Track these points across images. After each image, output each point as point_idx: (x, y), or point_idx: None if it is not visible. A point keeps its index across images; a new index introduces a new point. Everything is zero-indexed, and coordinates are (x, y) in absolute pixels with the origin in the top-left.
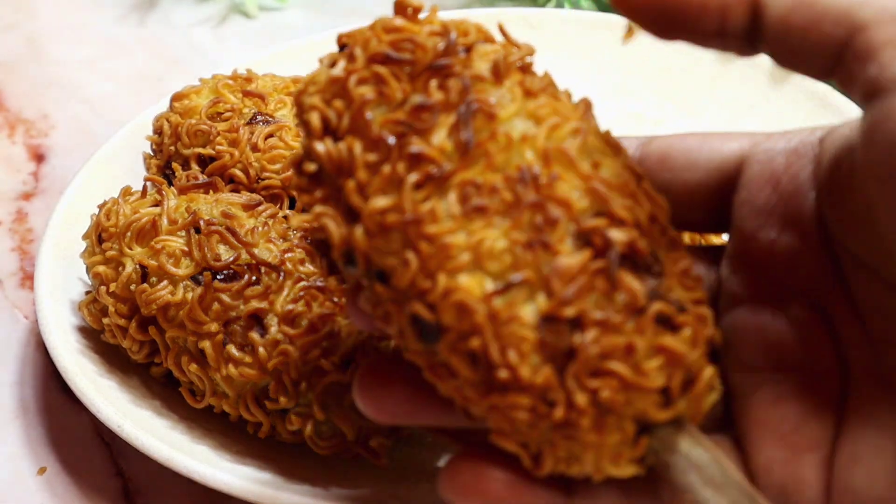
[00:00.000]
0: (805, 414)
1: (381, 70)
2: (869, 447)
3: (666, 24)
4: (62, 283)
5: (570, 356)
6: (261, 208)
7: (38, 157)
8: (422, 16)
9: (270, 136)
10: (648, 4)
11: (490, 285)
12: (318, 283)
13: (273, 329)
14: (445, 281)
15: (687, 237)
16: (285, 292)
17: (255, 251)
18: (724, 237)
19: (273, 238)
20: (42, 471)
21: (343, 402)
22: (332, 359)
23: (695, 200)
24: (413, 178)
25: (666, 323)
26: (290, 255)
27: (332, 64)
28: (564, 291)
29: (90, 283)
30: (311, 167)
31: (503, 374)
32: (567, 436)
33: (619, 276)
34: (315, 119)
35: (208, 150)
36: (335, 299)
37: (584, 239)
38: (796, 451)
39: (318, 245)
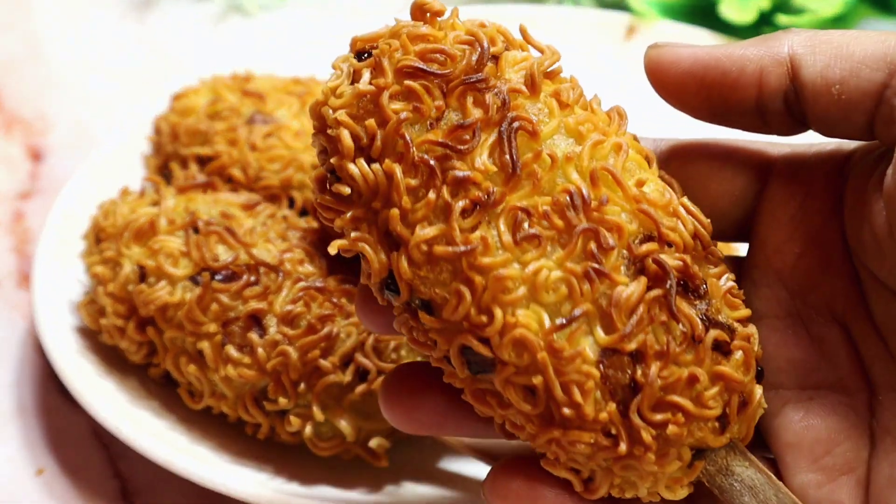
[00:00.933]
0: (836, 434)
1: (414, 85)
2: None
3: (706, 104)
4: (60, 283)
5: (632, 390)
6: (259, 208)
7: (36, 157)
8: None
9: (269, 135)
10: (685, 86)
11: (548, 319)
12: (318, 284)
13: (272, 329)
14: (503, 316)
15: None
16: (284, 293)
17: (254, 251)
18: (734, 246)
19: (272, 238)
20: (40, 472)
21: (342, 403)
22: (332, 359)
23: (718, 209)
24: (460, 205)
25: (720, 348)
26: (289, 255)
27: (355, 75)
28: (625, 324)
29: (88, 283)
30: (344, 190)
31: (568, 412)
32: (627, 466)
33: (677, 305)
34: (347, 138)
35: (207, 150)
36: (334, 300)
37: (638, 265)
38: (831, 474)
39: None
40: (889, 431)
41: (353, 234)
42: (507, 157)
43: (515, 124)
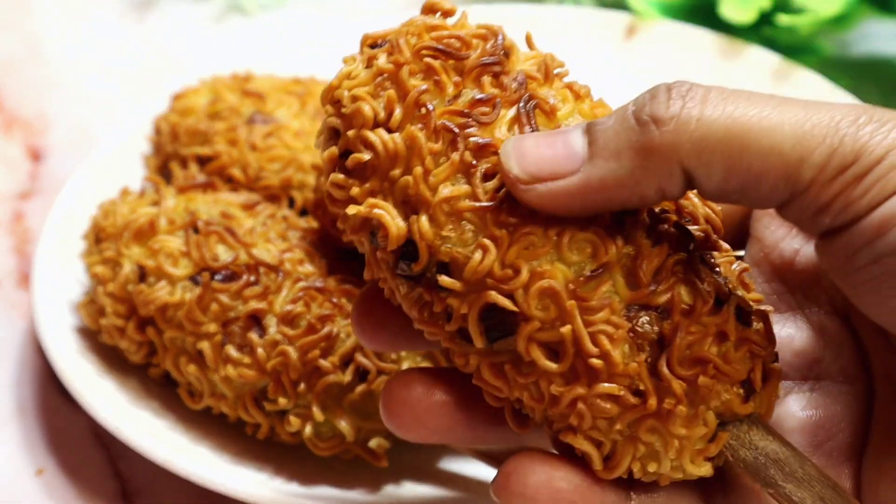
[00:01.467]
0: (838, 422)
1: (434, 63)
2: (893, 459)
3: (602, 210)
4: (60, 283)
5: (660, 345)
6: (259, 208)
7: (36, 157)
8: (451, 20)
9: (269, 135)
10: (576, 205)
11: (573, 273)
12: (318, 284)
13: (272, 329)
14: (529, 267)
15: None
16: (284, 293)
17: (254, 251)
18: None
19: (272, 238)
20: (40, 472)
21: (342, 403)
22: (332, 359)
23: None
24: (484, 166)
25: (741, 318)
26: (289, 255)
27: (370, 60)
28: (650, 280)
29: (88, 283)
30: (362, 157)
31: (596, 362)
32: (653, 429)
33: (700, 268)
34: (366, 108)
35: (207, 150)
36: (334, 300)
37: (659, 233)
38: (833, 460)
39: (361, 237)
40: (879, 421)
41: (369, 200)
42: (528, 128)
43: (533, 102)
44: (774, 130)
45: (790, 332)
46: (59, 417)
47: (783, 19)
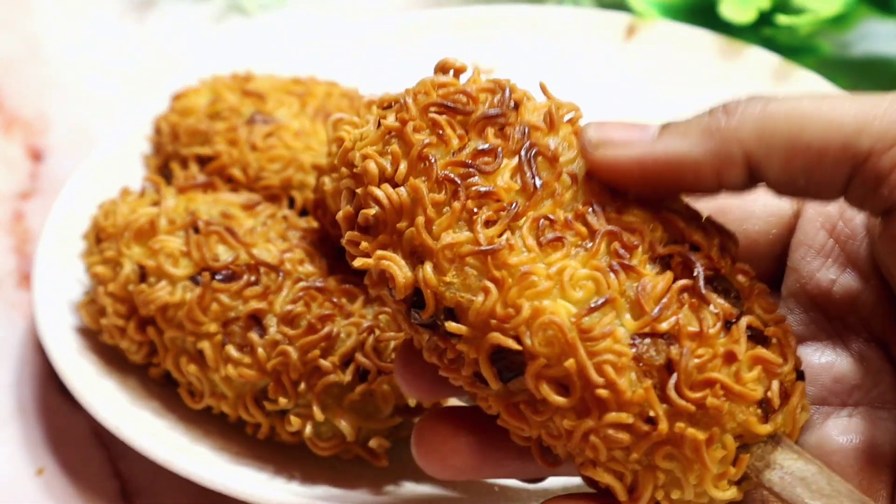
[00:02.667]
0: (876, 447)
1: (438, 117)
2: None
3: (662, 190)
4: (60, 283)
5: (667, 370)
6: (260, 208)
7: (36, 157)
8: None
9: (269, 135)
10: (636, 174)
11: (575, 309)
12: (318, 284)
13: (272, 329)
14: (530, 305)
15: None
16: (284, 292)
17: (255, 251)
18: None
19: (272, 238)
20: (40, 472)
21: (342, 403)
22: (332, 359)
23: (757, 251)
24: (485, 213)
25: (755, 336)
26: (289, 255)
27: (379, 120)
28: (655, 308)
29: (88, 283)
30: (369, 213)
31: (602, 392)
32: (669, 455)
33: (706, 292)
34: (372, 166)
35: (207, 150)
36: (334, 300)
37: (664, 263)
38: (874, 489)
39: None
40: None
41: (378, 252)
42: (529, 175)
43: (534, 150)
44: (833, 111)
45: (829, 359)
46: (60, 417)
47: (783, 19)
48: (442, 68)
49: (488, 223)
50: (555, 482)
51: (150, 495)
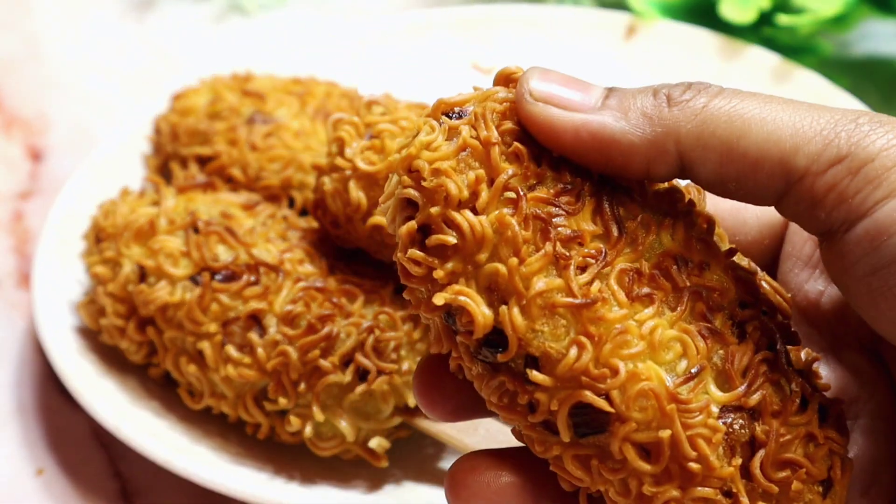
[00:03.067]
0: (879, 464)
1: (520, 147)
2: None
3: (587, 161)
4: (60, 283)
5: (751, 447)
6: (259, 208)
7: (36, 157)
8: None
9: (269, 135)
10: (568, 141)
11: (666, 375)
12: (318, 284)
13: (272, 329)
14: (626, 367)
15: None
16: (284, 293)
17: (254, 251)
18: None
19: (272, 238)
20: (40, 472)
21: (342, 403)
22: (332, 359)
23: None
24: (577, 259)
25: (821, 413)
26: (289, 255)
27: (451, 132)
28: (743, 383)
29: (88, 283)
30: (447, 240)
31: (694, 466)
32: None
33: (784, 365)
34: (453, 187)
35: (207, 150)
36: (334, 300)
37: (743, 329)
38: None
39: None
40: None
41: (454, 287)
42: (613, 221)
43: (615, 192)
44: (774, 122)
45: (825, 376)
46: (59, 417)
47: (783, 19)
48: (505, 80)
49: (579, 269)
50: None
51: (150, 495)
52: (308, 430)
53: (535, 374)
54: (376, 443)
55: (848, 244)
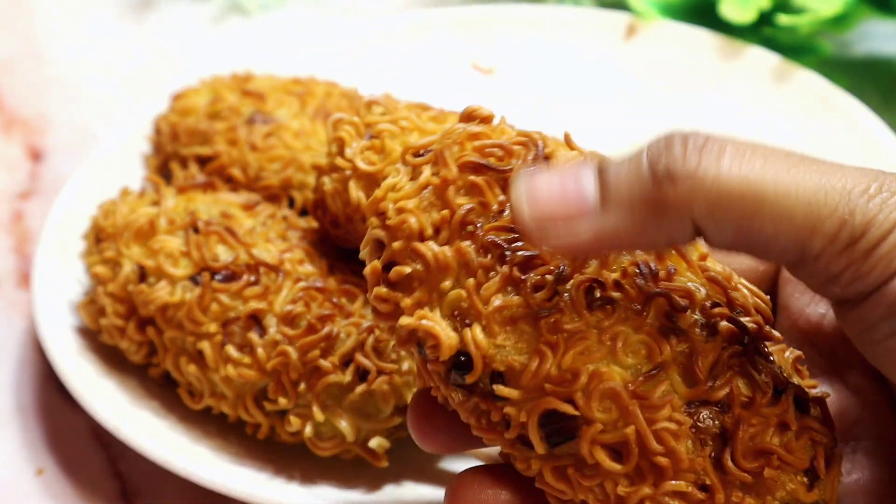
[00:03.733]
0: (883, 486)
1: (478, 180)
2: None
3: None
4: (60, 283)
5: (722, 438)
6: (259, 208)
7: (36, 157)
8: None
9: (269, 135)
10: (589, 254)
11: (630, 375)
12: (318, 284)
13: (272, 329)
14: (587, 370)
15: None
16: (284, 293)
17: (254, 251)
18: None
19: (272, 238)
20: (40, 472)
21: (342, 403)
22: (332, 359)
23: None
24: (534, 277)
25: (799, 405)
26: (288, 255)
27: (414, 172)
28: (709, 377)
29: (88, 283)
30: (404, 270)
31: (661, 460)
32: None
33: (756, 359)
34: (413, 222)
35: (207, 150)
36: (334, 300)
37: (712, 327)
38: None
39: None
40: None
41: (419, 312)
42: None
43: None
44: (788, 197)
45: (831, 397)
46: (59, 417)
47: (783, 19)
48: (469, 116)
49: (537, 287)
50: None
51: (150, 495)
52: (308, 430)
53: (501, 388)
54: (376, 443)
55: (864, 311)
